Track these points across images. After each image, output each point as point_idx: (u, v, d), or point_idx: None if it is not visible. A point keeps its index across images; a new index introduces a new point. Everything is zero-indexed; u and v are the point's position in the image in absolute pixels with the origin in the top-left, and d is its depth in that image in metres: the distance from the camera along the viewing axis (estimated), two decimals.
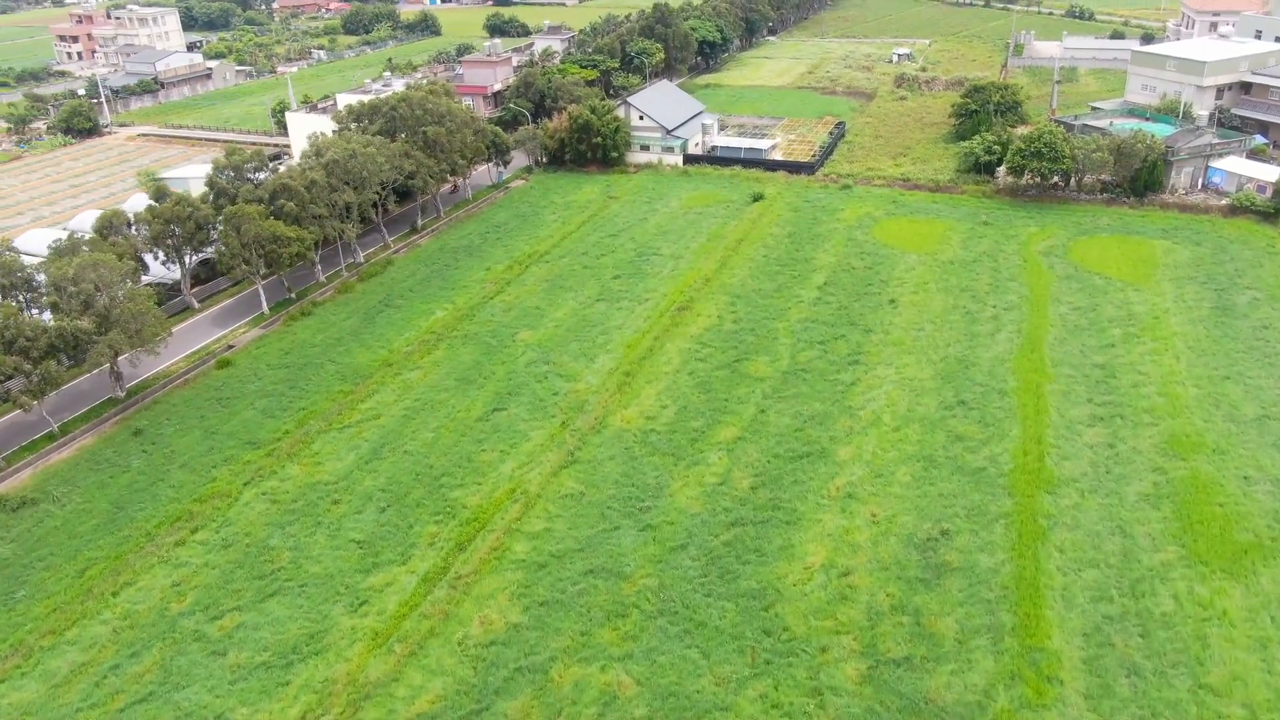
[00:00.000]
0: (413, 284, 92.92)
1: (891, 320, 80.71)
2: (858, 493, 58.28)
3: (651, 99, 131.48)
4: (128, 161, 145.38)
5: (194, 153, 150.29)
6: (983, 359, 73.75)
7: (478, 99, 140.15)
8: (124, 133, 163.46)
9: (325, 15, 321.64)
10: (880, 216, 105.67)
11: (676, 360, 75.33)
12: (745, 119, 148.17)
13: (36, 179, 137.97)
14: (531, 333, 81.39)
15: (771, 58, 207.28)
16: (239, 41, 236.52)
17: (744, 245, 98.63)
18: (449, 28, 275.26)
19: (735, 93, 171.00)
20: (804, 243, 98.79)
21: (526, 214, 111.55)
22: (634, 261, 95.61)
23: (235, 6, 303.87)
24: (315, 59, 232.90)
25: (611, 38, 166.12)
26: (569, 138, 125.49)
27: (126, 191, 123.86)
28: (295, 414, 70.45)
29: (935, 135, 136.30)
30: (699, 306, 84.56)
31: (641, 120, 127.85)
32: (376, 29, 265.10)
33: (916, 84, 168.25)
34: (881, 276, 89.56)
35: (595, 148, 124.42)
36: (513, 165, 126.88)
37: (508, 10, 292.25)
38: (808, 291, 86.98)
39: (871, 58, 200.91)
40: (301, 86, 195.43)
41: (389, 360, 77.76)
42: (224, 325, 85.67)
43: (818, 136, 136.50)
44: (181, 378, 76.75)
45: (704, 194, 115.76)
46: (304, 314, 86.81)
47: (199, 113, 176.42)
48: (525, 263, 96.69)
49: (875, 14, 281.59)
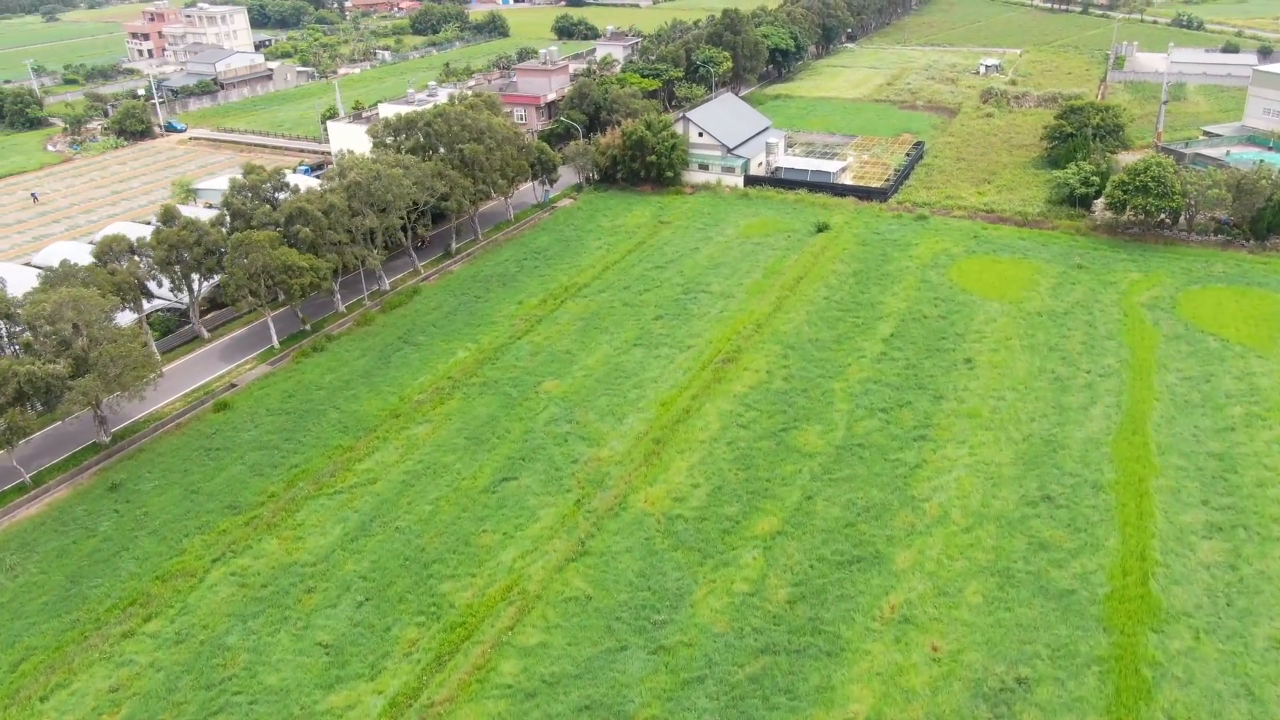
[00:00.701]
0: (437, 317, 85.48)
1: (967, 385, 70.23)
2: (916, 615, 48.45)
3: (713, 114, 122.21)
4: (174, 167, 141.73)
5: (241, 159, 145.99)
6: (1074, 440, 62.91)
7: (530, 109, 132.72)
8: (176, 135, 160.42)
9: (396, 14, 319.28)
10: (958, 254, 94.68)
11: (715, 425, 66.18)
12: (815, 136, 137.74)
13: (81, 184, 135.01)
14: (557, 383, 73.07)
15: (848, 66, 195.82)
16: (303, 42, 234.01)
17: (803, 284, 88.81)
18: (518, 28, 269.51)
19: (806, 105, 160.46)
20: (871, 283, 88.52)
21: (569, 238, 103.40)
22: (679, 300, 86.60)
23: (308, 5, 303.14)
24: (379, 60, 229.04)
25: (676, 45, 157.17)
26: (622, 155, 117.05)
27: (165, 200, 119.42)
28: (286, 472, 63.32)
29: (1024, 159, 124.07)
30: (746, 358, 75.20)
31: (701, 137, 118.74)
32: (444, 29, 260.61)
33: (1005, 99, 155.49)
34: (957, 328, 78.94)
35: (649, 166, 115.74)
36: (561, 183, 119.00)
37: (578, 11, 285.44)
38: (871, 344, 76.90)
39: (956, 68, 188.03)
40: (360, 89, 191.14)
41: (397, 410, 70.25)
42: (230, 359, 79.34)
43: (893, 158, 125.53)
44: (174, 421, 70.42)
45: (764, 221, 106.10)
46: (316, 349, 79.99)
47: (254, 116, 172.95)
48: (561, 296, 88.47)
49: (962, 20, 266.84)
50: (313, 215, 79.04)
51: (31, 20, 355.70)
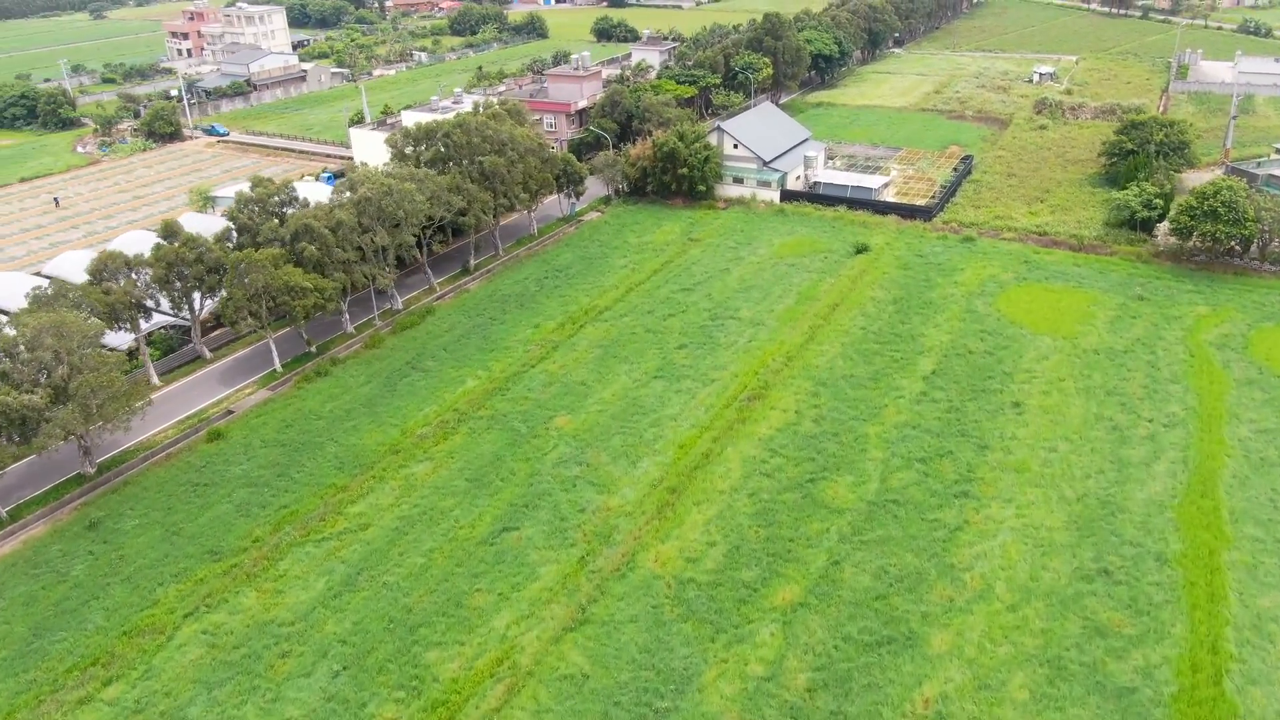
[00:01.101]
0: (449, 341, 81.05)
1: (1014, 432, 64.15)
2: (953, 713, 42.81)
3: (749, 125, 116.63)
4: (199, 171, 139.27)
5: (267, 163, 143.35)
6: (1134, 502, 56.68)
7: (560, 117, 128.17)
8: (205, 138, 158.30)
9: (437, 14, 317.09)
10: (1008, 281, 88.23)
11: (737, 473, 60.85)
12: (856, 148, 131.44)
13: (105, 188, 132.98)
14: (570, 418, 68.19)
15: (895, 73, 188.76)
16: (340, 42, 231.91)
17: (839, 312, 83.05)
18: (557, 30, 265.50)
19: (849, 114, 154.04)
20: (912, 312, 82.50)
21: (594, 256, 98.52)
22: (706, 326, 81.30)
23: (348, 4, 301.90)
24: (416, 61, 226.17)
25: (714, 50, 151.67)
26: (652, 167, 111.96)
27: (184, 207, 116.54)
28: (274, 513, 59.17)
29: (1080, 176, 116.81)
30: (774, 395, 69.73)
31: (736, 149, 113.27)
32: (482, 31, 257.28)
33: (1060, 110, 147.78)
34: (1005, 366, 72.74)
35: (681, 180, 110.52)
36: (589, 194, 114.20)
37: (618, 13, 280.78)
38: (911, 382, 71.02)
39: (1009, 76, 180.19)
40: (394, 92, 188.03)
41: (398, 445, 65.84)
42: (230, 382, 75.57)
43: (939, 172, 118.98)
44: (164, 451, 66.68)
45: (799, 240, 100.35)
46: (320, 373, 75.96)
47: (284, 118, 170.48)
48: (580, 320, 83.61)
49: (1015, 24, 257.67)
50: (319, 233, 75.02)
51: (80, 18, 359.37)
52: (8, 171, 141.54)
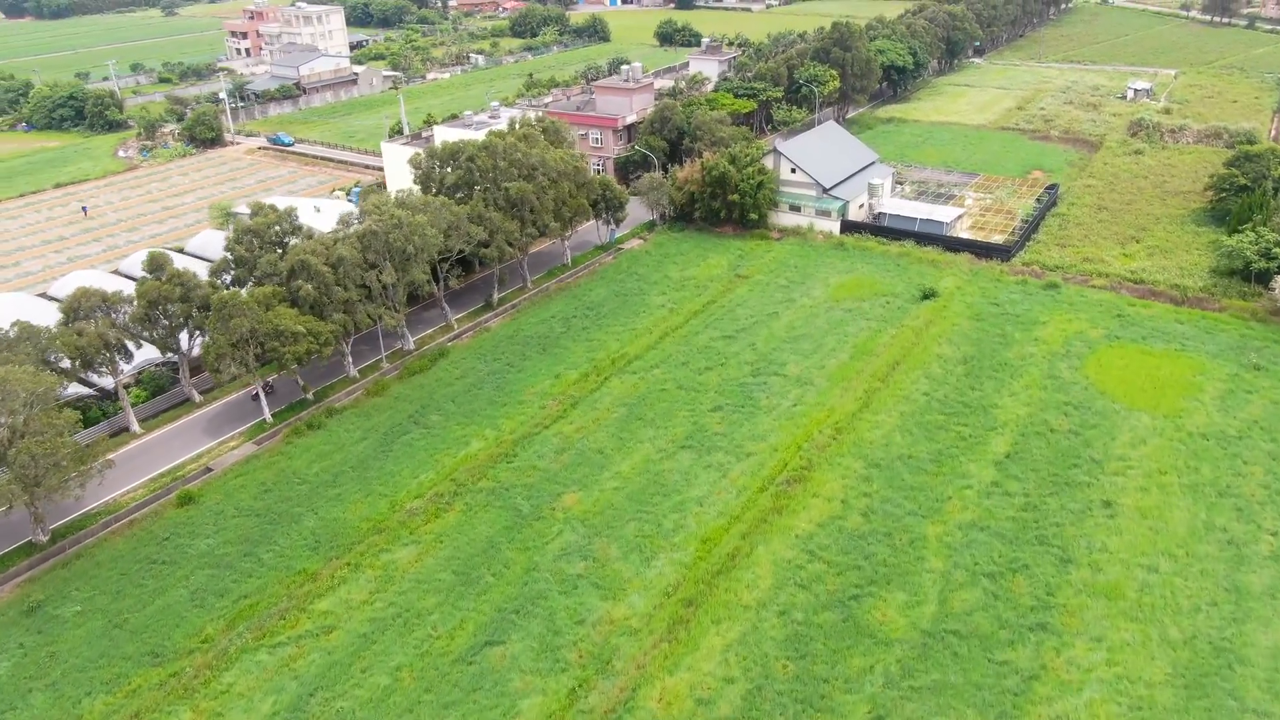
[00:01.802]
0: (459, 390, 73.07)
1: (1105, 542, 53.60)
2: None
3: (809, 147, 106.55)
4: (234, 181, 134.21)
5: (305, 172, 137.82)
6: (1257, 650, 45.90)
7: (607, 132, 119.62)
8: (246, 144, 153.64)
9: (500, 14, 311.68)
10: (1097, 340, 76.98)
11: (767, 581, 51.49)
12: (928, 173, 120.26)
13: (136, 196, 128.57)
14: (580, 496, 59.54)
15: (973, 85, 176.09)
16: (393, 45, 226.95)
17: (900, 372, 72.91)
18: (619, 33, 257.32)
19: (922, 132, 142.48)
20: (984, 375, 71.96)
21: (629, 292, 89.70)
22: (746, 384, 71.92)
23: (410, 3, 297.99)
24: (472, 64, 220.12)
25: (778, 61, 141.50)
26: (700, 192, 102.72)
27: (206, 223, 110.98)
28: (231, 605, 51.70)
29: (1182, 212, 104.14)
30: (818, 478, 60.10)
31: (793, 173, 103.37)
32: (543, 33, 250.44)
33: (1158, 133, 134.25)
34: (1094, 451, 61.95)
35: (731, 206, 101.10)
36: (632, 218, 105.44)
37: (684, 15, 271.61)
38: (981, 467, 60.73)
39: (1099, 91, 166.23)
40: (444, 97, 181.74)
41: (383, 522, 57.94)
42: (215, 432, 68.63)
43: (1020, 203, 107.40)
44: (129, 516, 59.85)
45: (859, 280, 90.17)
46: (312, 426, 68.57)
47: (329, 124, 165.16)
48: (606, 371, 74.92)
49: (1107, 33, 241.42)
50: (316, 270, 67.58)
51: (152, 14, 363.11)
52: (45, 176, 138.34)
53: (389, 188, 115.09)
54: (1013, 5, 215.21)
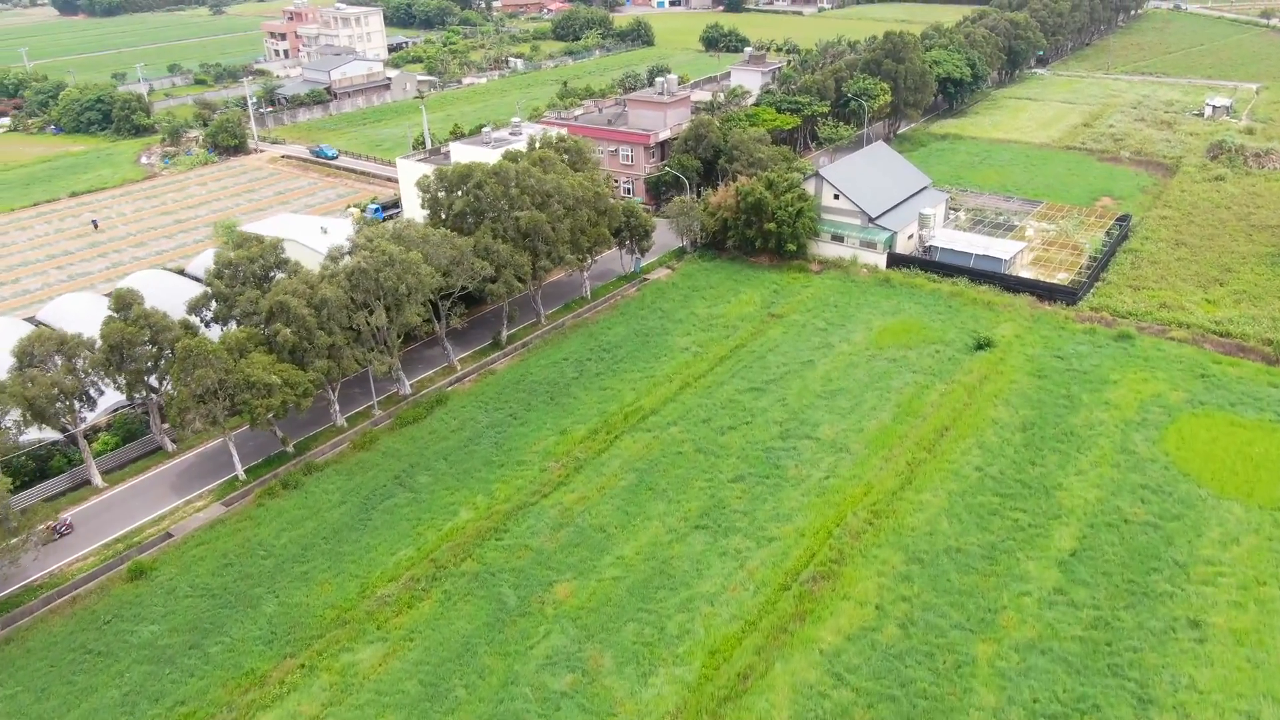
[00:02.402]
0: (454, 446, 66.02)
1: (1192, 675, 44.76)
2: None
3: (854, 171, 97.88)
4: (251, 193, 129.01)
5: (325, 184, 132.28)
6: None
7: (638, 149, 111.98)
8: (270, 152, 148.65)
9: (545, 16, 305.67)
10: (1178, 405, 67.57)
11: (784, 712, 43.50)
12: (985, 199, 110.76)
13: (150, 208, 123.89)
14: (575, 586, 52.06)
15: (1036, 99, 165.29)
16: (430, 48, 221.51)
17: (949, 439, 64.31)
18: (663, 37, 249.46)
19: (979, 150, 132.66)
20: (1046, 447, 63.08)
21: (652, 331, 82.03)
22: (772, 449, 63.85)
23: (454, 4, 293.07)
24: (511, 69, 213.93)
25: (824, 73, 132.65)
26: (734, 219, 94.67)
27: (210, 241, 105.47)
28: (166, 711, 45.09)
29: (1272, 250, 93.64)
30: (850, 575, 51.92)
31: (837, 200, 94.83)
32: (585, 36, 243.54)
33: (1241, 156, 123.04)
34: (1177, 551, 52.96)
35: (767, 236, 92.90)
36: (660, 244, 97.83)
37: (731, 19, 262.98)
38: (1042, 567, 52.08)
39: (1174, 107, 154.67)
40: (479, 104, 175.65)
41: (349, 611, 51.01)
42: (184, 489, 62.37)
43: (1088, 235, 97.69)
44: (74, 591, 53.69)
45: (906, 324, 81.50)
46: (287, 485, 61.95)
47: (357, 132, 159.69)
48: (618, 427, 67.35)
49: (1180, 42, 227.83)
50: (296, 314, 60.94)
51: (199, 13, 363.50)
52: (62, 184, 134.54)
53: (404, 207, 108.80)
54: (1080, 12, 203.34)
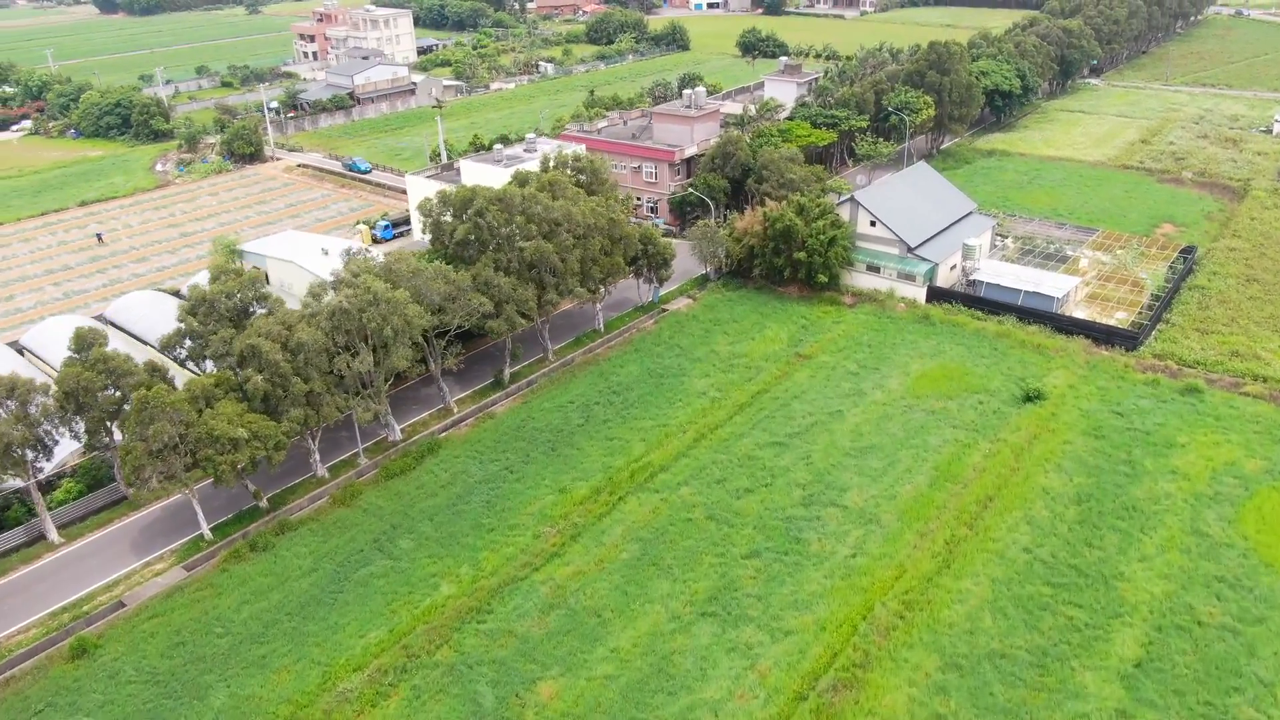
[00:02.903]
0: (441, 504, 60.07)
1: None
2: None
3: (893, 196, 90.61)
4: (263, 204, 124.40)
5: (339, 196, 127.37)
6: None
7: (663, 166, 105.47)
8: (287, 160, 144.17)
9: (579, 18, 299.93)
10: (1256, 476, 59.71)
11: None
12: (1035, 225, 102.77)
13: (156, 220, 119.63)
14: (561, 685, 45.79)
15: (1090, 112, 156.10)
16: (459, 51, 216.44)
17: (993, 512, 57.15)
18: (699, 41, 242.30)
19: (1029, 169, 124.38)
20: (1105, 524, 55.67)
21: (668, 371, 75.55)
22: (793, 519, 57.08)
23: (487, 6, 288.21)
24: (541, 73, 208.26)
25: (864, 85, 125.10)
26: (761, 246, 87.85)
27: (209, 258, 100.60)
28: None
29: None
30: (876, 682, 45.07)
31: (873, 227, 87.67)
32: (618, 40, 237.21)
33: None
34: (1260, 666, 45.45)
35: (797, 265, 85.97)
36: (682, 270, 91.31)
37: (769, 23, 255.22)
38: (1101, 681, 44.84)
39: (1239, 123, 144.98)
40: (504, 111, 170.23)
41: (303, 709, 45.13)
42: (144, 547, 57.03)
43: (1149, 268, 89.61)
44: (9, 670, 48.45)
45: (946, 368, 74.25)
46: (256, 547, 56.36)
47: (379, 139, 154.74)
48: (623, 486, 60.96)
49: (1242, 51, 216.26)
50: (269, 359, 55.33)
51: (236, 13, 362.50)
52: (72, 192, 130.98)
53: (413, 226, 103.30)
54: (1137, 19, 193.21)
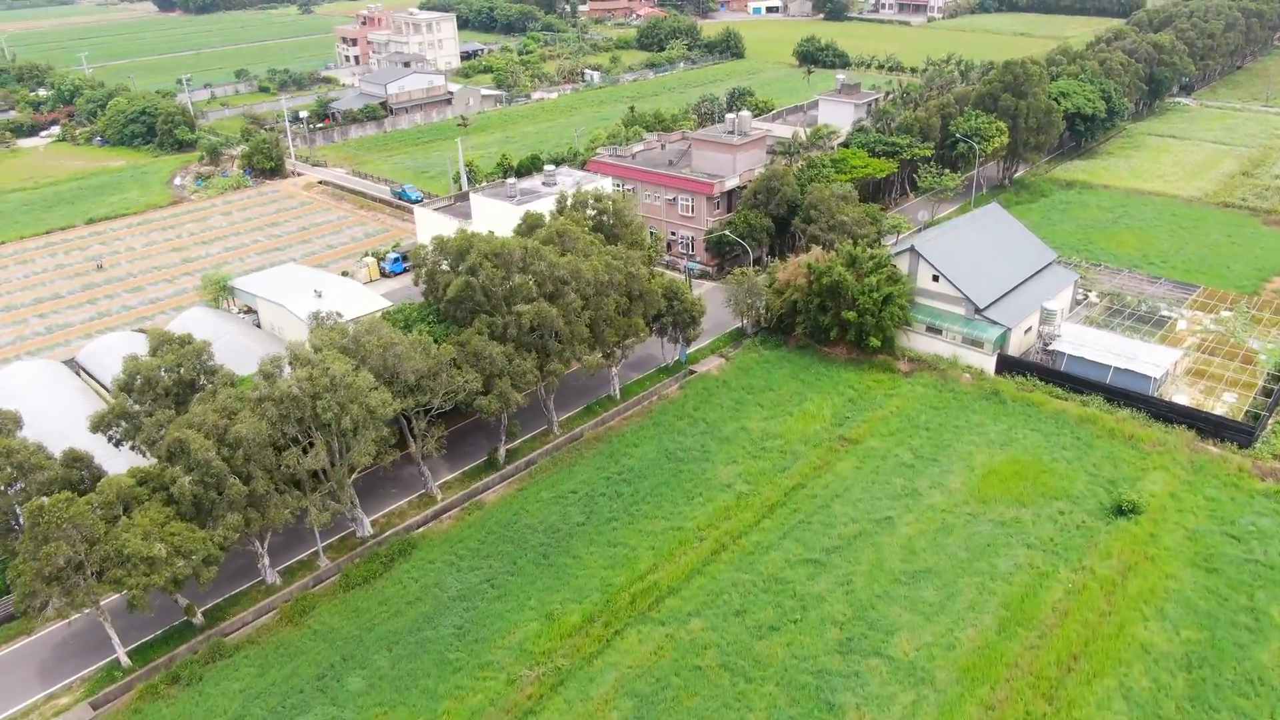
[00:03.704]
0: (405, 626, 50.44)
1: None
2: None
3: (960, 245, 78.87)
4: (275, 226, 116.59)
5: (357, 218, 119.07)
6: None
7: (700, 199, 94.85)
8: (308, 176, 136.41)
9: (633, 21, 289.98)
10: None
11: None
12: (1124, 278, 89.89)
13: (162, 242, 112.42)
14: None
15: (1181, 137, 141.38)
16: (502, 58, 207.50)
17: (1078, 678, 45.62)
18: (755, 48, 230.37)
19: (1114, 204, 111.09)
20: (1222, 704, 43.86)
21: (688, 454, 65.03)
22: (826, 672, 46.26)
23: (537, 9, 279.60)
24: (586, 82, 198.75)
25: (929, 109, 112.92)
26: (805, 301, 76.88)
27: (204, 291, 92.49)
28: None
29: None
30: None
31: (936, 282, 76.13)
32: (669, 46, 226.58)
33: None
34: None
35: (846, 325, 74.85)
36: (715, 323, 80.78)
37: (830, 30, 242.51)
38: None
39: None
40: (543, 123, 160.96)
41: None
42: (52, 673, 48.35)
43: (1264, 336, 76.59)
44: None
45: (1019, 462, 62.56)
46: (179, 679, 47.33)
47: (405, 154, 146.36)
48: (621, 616, 50.68)
49: None
50: (199, 459, 46.21)
51: (289, 12, 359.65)
52: (83, 208, 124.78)
53: None
54: (1235, 33, 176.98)
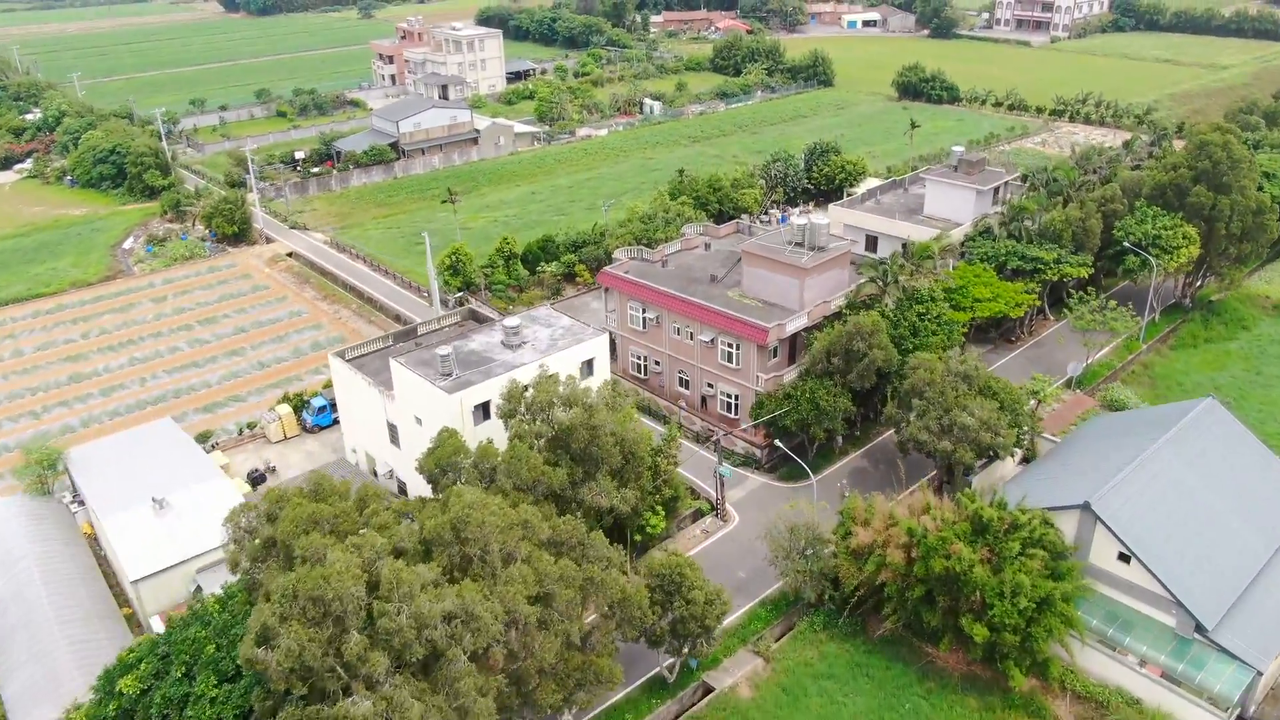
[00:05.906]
0: None
1: None
2: None
3: (1165, 497, 47.45)
4: (210, 323, 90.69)
5: (317, 315, 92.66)
6: None
7: (750, 348, 65.09)
8: (276, 246, 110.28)
9: (711, 34, 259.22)
10: None
11: None
12: None
13: (61, 342, 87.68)
14: None
15: None
16: (545, 86, 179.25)
17: None
18: (846, 73, 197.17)
19: None
20: None
21: None
22: None
23: (602, 20, 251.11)
24: (645, 115, 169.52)
25: (1085, 205, 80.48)
26: (896, 584, 46.64)
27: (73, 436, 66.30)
28: None
29: None
30: None
31: (1125, 563, 45.05)
32: (746, 70, 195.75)
33: None
34: None
35: (968, 638, 44.40)
36: (753, 574, 51.27)
37: (935, 51, 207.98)
38: None
39: None
40: (583, 173, 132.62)
41: None
42: None
43: None
44: None
45: None
46: None
47: (404, 213, 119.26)
48: None
49: None
50: None
51: (349, 16, 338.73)
52: (14, 275, 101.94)
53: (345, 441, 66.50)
54: None
